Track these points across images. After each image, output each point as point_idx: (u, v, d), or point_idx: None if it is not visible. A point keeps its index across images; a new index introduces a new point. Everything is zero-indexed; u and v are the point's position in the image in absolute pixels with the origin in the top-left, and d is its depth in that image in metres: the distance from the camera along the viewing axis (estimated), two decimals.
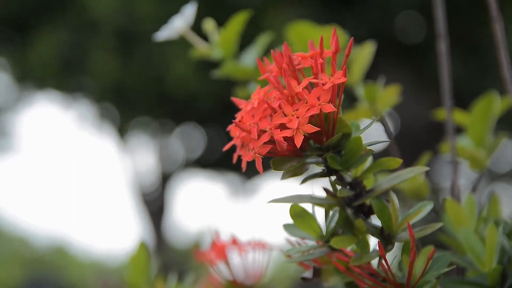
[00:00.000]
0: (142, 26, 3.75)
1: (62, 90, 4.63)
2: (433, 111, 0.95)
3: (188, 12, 0.88)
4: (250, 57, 0.90)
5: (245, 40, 0.97)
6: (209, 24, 0.90)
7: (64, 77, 4.37)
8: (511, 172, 5.29)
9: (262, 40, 0.90)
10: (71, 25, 4.11)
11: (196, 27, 0.91)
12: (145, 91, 4.25)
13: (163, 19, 1.03)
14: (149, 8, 3.69)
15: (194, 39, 0.90)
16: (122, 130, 5.24)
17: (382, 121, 0.83)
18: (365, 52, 0.88)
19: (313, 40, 0.60)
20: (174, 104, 4.36)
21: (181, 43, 0.92)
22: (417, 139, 4.03)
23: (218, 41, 0.89)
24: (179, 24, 0.88)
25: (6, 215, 7.75)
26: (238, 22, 0.89)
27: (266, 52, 0.78)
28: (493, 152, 0.85)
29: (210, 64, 0.93)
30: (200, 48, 0.90)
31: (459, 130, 0.91)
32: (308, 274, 0.63)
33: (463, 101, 1.16)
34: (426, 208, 0.60)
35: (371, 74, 1.02)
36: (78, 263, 8.25)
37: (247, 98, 0.62)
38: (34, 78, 4.50)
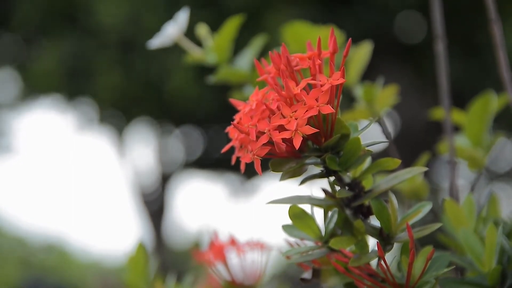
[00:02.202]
0: (147, 36, 3.75)
1: (64, 94, 4.64)
2: (430, 110, 0.95)
3: (181, 18, 0.88)
4: (245, 60, 0.89)
5: (243, 42, 0.97)
6: (202, 29, 0.90)
7: (67, 85, 4.37)
8: (510, 172, 5.29)
9: (257, 43, 0.89)
10: (76, 35, 4.11)
11: (192, 32, 0.91)
12: (147, 100, 4.25)
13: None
14: (155, 18, 3.69)
15: (188, 45, 0.89)
16: (122, 131, 5.25)
17: (380, 121, 0.83)
18: (362, 53, 0.88)
19: (310, 40, 0.60)
20: (174, 111, 4.37)
21: (181, 51, 0.91)
22: (417, 139, 4.03)
23: (212, 46, 0.89)
24: (172, 30, 0.87)
25: (4, 215, 7.74)
26: (232, 26, 0.88)
27: (262, 54, 0.78)
28: (490, 151, 0.85)
29: (209, 70, 0.93)
30: (194, 53, 0.90)
31: (457, 129, 0.91)
32: (308, 275, 0.63)
33: (463, 101, 1.16)
34: (425, 208, 0.60)
35: (370, 75, 1.01)
36: (77, 263, 8.24)
37: (243, 101, 0.62)
38: (38, 85, 4.50)
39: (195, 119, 4.71)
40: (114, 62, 4.01)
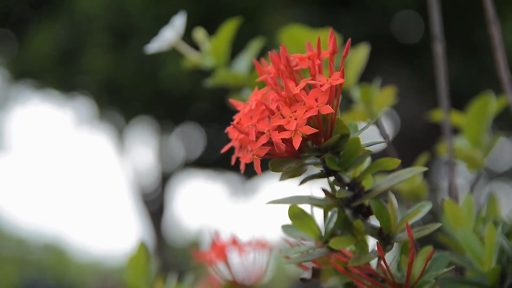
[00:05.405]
0: (133, 22, 3.75)
1: (60, 89, 4.62)
2: (429, 112, 0.95)
3: (178, 23, 0.88)
4: (243, 63, 0.89)
5: (242, 43, 0.97)
6: (199, 33, 0.90)
7: (60, 75, 4.35)
8: (509, 171, 5.29)
9: (254, 46, 0.89)
10: (65, 22, 4.10)
11: (189, 35, 0.90)
12: (140, 87, 4.23)
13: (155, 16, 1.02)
14: (139, 4, 3.69)
15: (186, 49, 0.89)
16: (122, 130, 5.24)
17: (378, 123, 0.83)
18: (359, 54, 0.88)
19: (309, 41, 0.60)
20: (170, 102, 4.34)
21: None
22: (416, 139, 4.03)
23: (210, 49, 0.89)
24: (169, 35, 0.87)
25: (3, 215, 7.73)
26: (229, 29, 0.88)
27: (260, 57, 0.78)
28: (489, 152, 0.86)
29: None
30: (192, 57, 0.90)
31: (456, 131, 0.91)
32: (307, 275, 0.63)
33: (461, 101, 1.16)
34: (425, 208, 0.60)
35: (368, 75, 1.02)
36: (77, 264, 8.24)
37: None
38: (30, 75, 4.49)
39: (194, 114, 4.67)
40: (104, 49, 3.98)
